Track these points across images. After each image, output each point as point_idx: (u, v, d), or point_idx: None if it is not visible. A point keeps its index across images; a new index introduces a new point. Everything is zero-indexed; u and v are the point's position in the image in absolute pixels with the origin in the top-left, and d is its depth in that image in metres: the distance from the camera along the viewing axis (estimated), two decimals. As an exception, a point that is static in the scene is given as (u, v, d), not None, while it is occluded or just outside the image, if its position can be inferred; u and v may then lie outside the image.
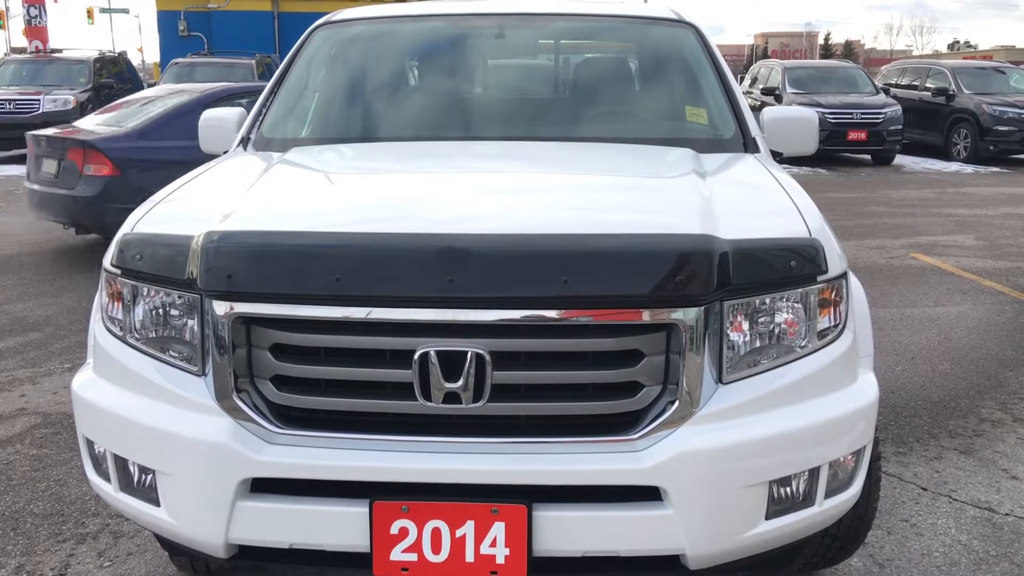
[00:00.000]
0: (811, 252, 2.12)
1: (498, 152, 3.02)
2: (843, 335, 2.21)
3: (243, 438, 2.00)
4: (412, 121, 3.42)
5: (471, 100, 3.60)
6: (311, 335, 2.01)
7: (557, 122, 3.44)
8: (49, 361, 5.14)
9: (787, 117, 3.42)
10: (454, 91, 3.60)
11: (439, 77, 3.68)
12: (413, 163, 2.94)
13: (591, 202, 2.39)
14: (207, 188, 2.64)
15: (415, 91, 3.65)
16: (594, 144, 3.12)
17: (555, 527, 1.96)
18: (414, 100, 3.60)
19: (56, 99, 15.28)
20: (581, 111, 3.50)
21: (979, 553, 3.05)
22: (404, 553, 1.97)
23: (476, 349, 1.93)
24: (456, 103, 3.54)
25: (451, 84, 3.62)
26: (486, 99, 3.64)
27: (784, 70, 17.49)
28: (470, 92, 3.65)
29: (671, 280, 1.94)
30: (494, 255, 1.95)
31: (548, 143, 3.14)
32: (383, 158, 3.00)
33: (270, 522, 2.02)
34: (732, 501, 2.02)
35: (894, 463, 3.72)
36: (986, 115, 15.85)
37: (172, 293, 2.13)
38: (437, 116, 3.45)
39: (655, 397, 2.00)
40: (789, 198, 2.41)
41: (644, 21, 3.73)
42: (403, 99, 3.60)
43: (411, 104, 3.58)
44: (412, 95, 3.63)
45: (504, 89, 3.76)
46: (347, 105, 3.53)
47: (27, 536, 3.19)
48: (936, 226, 9.81)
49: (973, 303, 6.50)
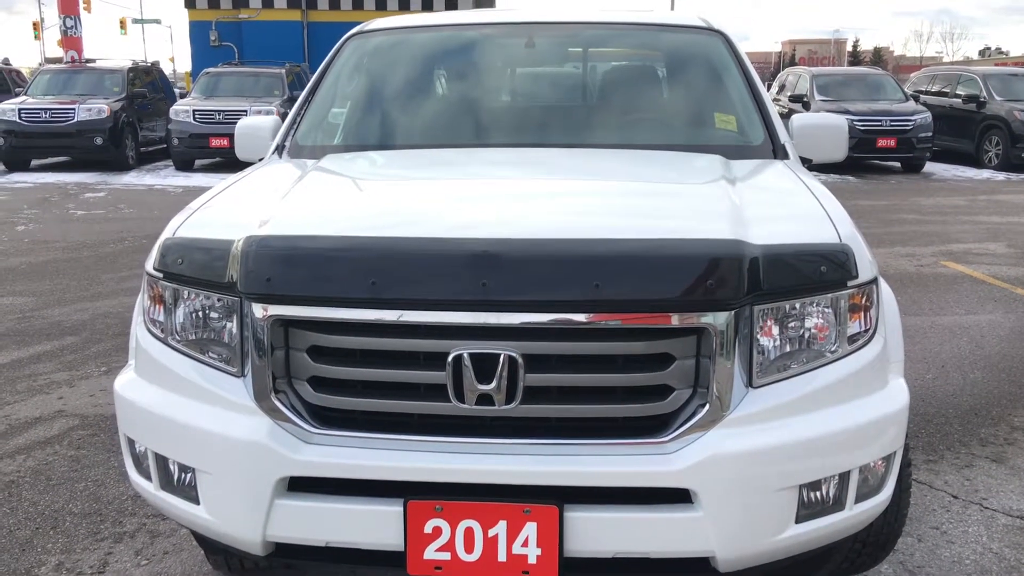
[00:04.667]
0: (841, 257, 2.13)
1: (529, 159, 3.06)
2: (873, 340, 2.22)
3: (281, 438, 2.05)
4: (443, 129, 3.47)
5: (501, 108, 3.64)
6: (348, 337, 2.05)
7: (587, 129, 3.47)
8: (86, 365, 5.24)
9: (817, 124, 3.43)
10: (484, 99, 3.64)
11: (470, 85, 3.73)
12: (445, 170, 2.99)
13: (622, 207, 2.42)
14: (245, 194, 2.70)
15: (446, 99, 3.70)
16: (624, 151, 3.15)
17: (586, 528, 1.99)
18: (445, 108, 3.65)
19: (91, 108, 15.53)
20: (611, 118, 3.53)
21: (1010, 561, 3.03)
22: (438, 552, 2.00)
23: (509, 352, 1.97)
24: (487, 111, 3.58)
25: (482, 92, 3.66)
26: (516, 107, 3.68)
27: (812, 77, 17.40)
28: (500, 100, 3.69)
29: (702, 284, 1.97)
30: (527, 259, 1.99)
31: (578, 150, 3.17)
32: (415, 165, 3.05)
33: (307, 520, 2.06)
34: (762, 504, 2.03)
35: (925, 471, 3.70)
36: (1018, 122, 15.68)
37: (212, 296, 2.18)
38: (468, 124, 3.50)
39: (685, 400, 2.02)
40: (819, 204, 2.42)
41: (673, 29, 3.76)
42: (434, 107, 3.65)
43: (442, 112, 3.62)
44: (443, 103, 3.68)
45: (534, 97, 3.80)
46: (379, 113, 3.58)
47: (66, 535, 3.26)
48: (967, 234, 9.72)
49: (1005, 312, 6.44)
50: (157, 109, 17.66)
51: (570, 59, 3.89)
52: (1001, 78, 17.16)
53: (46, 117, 15.51)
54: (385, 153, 3.24)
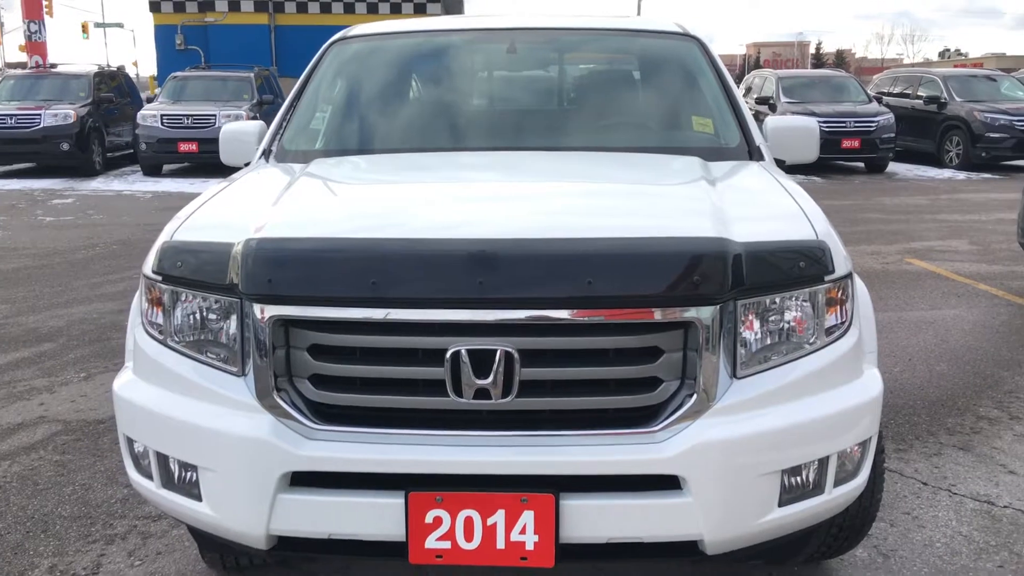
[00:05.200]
0: (818, 253, 2.24)
1: (515, 162, 3.14)
2: (849, 332, 2.33)
3: (283, 434, 2.11)
4: (430, 133, 3.55)
5: (485, 113, 3.72)
6: (348, 336, 2.12)
7: (570, 133, 3.57)
8: (64, 371, 5.23)
9: (789, 126, 3.55)
10: (468, 104, 3.72)
11: (454, 91, 3.81)
12: (434, 173, 3.07)
13: (611, 207, 2.52)
14: (238, 198, 2.76)
15: (431, 104, 3.77)
16: (607, 153, 3.25)
17: (581, 515, 2.07)
18: (431, 113, 3.73)
19: (57, 114, 15.36)
20: (593, 122, 3.63)
21: (979, 543, 3.16)
22: (438, 541, 2.08)
23: (505, 347, 2.05)
24: (471, 116, 3.67)
25: (465, 98, 3.75)
26: (500, 112, 3.77)
27: (778, 80, 17.68)
28: (484, 105, 3.77)
29: (689, 280, 2.06)
30: (522, 258, 2.07)
31: (563, 153, 3.27)
32: (404, 169, 3.12)
33: (309, 513, 2.12)
34: (747, 489, 2.13)
35: (895, 460, 3.83)
36: (978, 122, 16.05)
37: (210, 298, 2.23)
38: (453, 129, 3.58)
39: (673, 391, 2.12)
40: (795, 202, 2.53)
41: (650, 35, 3.86)
42: (420, 112, 3.73)
43: (428, 117, 3.70)
44: (428, 108, 3.76)
45: (517, 102, 3.89)
46: (365, 118, 3.65)
47: (57, 538, 3.28)
48: (930, 232, 9.97)
49: (968, 306, 6.63)
50: (123, 114, 17.49)
51: (551, 64, 3.98)
52: (961, 80, 17.55)
53: (11, 123, 15.30)
54: (372, 157, 3.30)
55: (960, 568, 3.01)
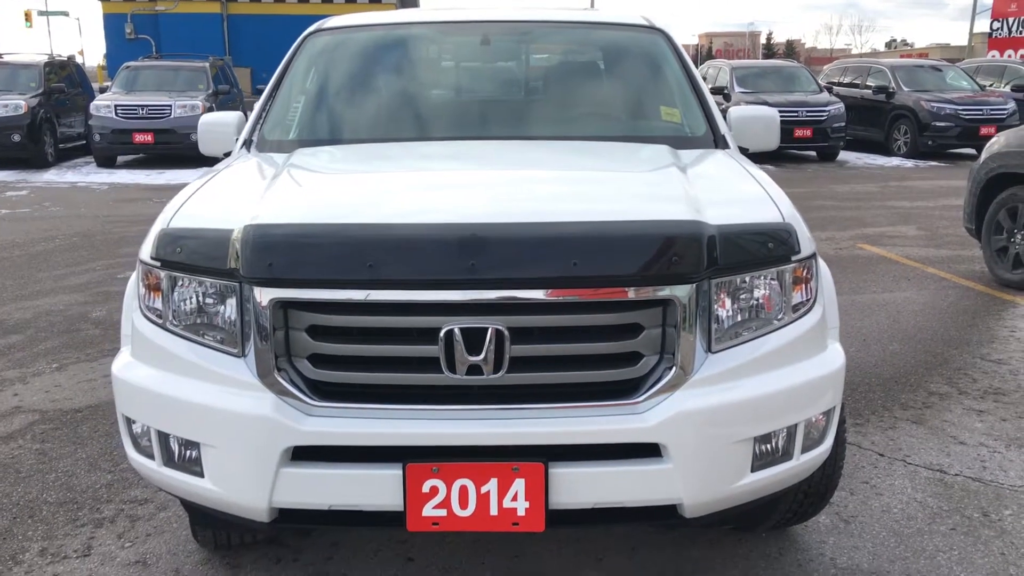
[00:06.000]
0: (785, 235, 2.39)
1: (496, 150, 3.26)
2: (814, 309, 2.49)
3: (285, 411, 2.21)
4: (409, 122, 3.65)
5: (463, 102, 3.84)
6: (346, 316, 2.22)
7: (546, 122, 3.69)
8: (36, 362, 5.23)
9: (752, 116, 3.72)
10: (444, 94, 3.83)
11: (428, 81, 3.91)
12: (420, 161, 3.17)
13: (591, 193, 2.65)
14: (228, 187, 2.84)
15: (409, 94, 3.86)
16: (582, 142, 3.38)
17: (569, 482, 2.21)
18: (409, 103, 3.82)
19: (7, 104, 15.04)
20: (566, 112, 3.76)
21: (933, 508, 3.37)
22: (435, 509, 2.20)
23: (496, 326, 2.17)
24: (448, 105, 3.77)
25: (441, 87, 3.85)
26: (478, 101, 3.88)
27: (732, 70, 17.98)
28: (459, 95, 3.89)
29: (667, 261, 2.20)
30: (511, 241, 2.19)
31: (542, 142, 3.40)
32: (390, 157, 3.22)
33: (311, 486, 2.23)
34: (722, 455, 2.29)
35: (853, 433, 4.03)
36: (924, 112, 16.50)
37: (206, 282, 2.32)
38: (431, 118, 3.69)
39: (653, 365, 2.26)
40: (762, 188, 2.69)
41: (619, 28, 4.00)
42: (400, 102, 3.81)
43: (407, 107, 3.79)
44: (406, 98, 3.85)
45: (494, 92, 4.00)
46: (347, 108, 3.74)
47: (45, 523, 3.33)
48: (881, 218, 10.28)
49: (918, 289, 6.90)
50: (75, 105, 17.19)
51: (525, 55, 4.10)
52: (908, 70, 18.01)
53: (-40, 114, 15.00)
54: (356, 146, 3.39)
55: (916, 531, 3.21)
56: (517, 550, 3.08)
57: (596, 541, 3.14)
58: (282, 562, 3.03)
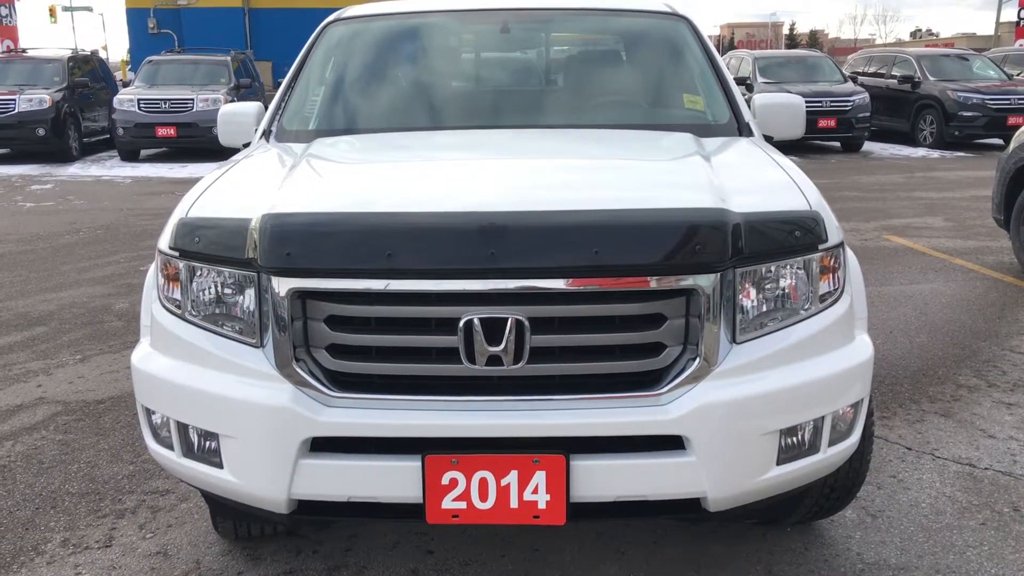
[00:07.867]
0: (812, 223, 2.34)
1: (516, 139, 3.22)
2: (841, 299, 2.44)
3: (304, 402, 2.19)
4: (428, 112, 3.62)
5: (481, 91, 3.80)
6: (364, 306, 2.19)
7: (567, 111, 3.65)
8: (59, 353, 5.26)
9: (777, 103, 3.65)
10: (463, 83, 3.80)
11: (447, 70, 3.87)
12: (439, 151, 3.14)
13: (613, 181, 2.61)
14: (247, 177, 2.82)
15: (427, 83, 3.83)
16: (604, 130, 3.33)
17: (590, 475, 2.17)
18: (427, 92, 3.79)
19: (32, 98, 15.21)
20: (589, 100, 3.71)
21: (962, 503, 3.30)
22: (454, 501, 2.17)
23: (516, 315, 2.13)
24: (471, 94, 3.74)
25: (461, 76, 3.82)
26: (496, 90, 3.84)
27: (755, 60, 17.81)
28: (479, 83, 3.84)
29: (691, 249, 2.15)
30: (532, 229, 2.15)
31: (563, 130, 3.35)
32: (408, 147, 3.19)
33: (329, 478, 2.20)
34: (747, 448, 2.24)
35: (880, 426, 3.97)
36: (951, 101, 16.27)
37: (224, 272, 2.30)
38: (449, 107, 3.65)
39: (677, 356, 2.21)
40: (788, 175, 2.63)
41: (641, 15, 3.94)
42: (418, 91, 3.78)
43: (425, 96, 3.76)
44: (425, 87, 3.81)
45: (513, 81, 3.96)
46: (365, 98, 3.71)
47: (67, 513, 3.34)
48: (906, 209, 10.15)
49: (945, 280, 6.80)
50: (99, 99, 17.33)
51: (545, 43, 4.06)
52: (934, 59, 17.76)
53: (-15, 108, 15.15)
54: (375, 136, 3.36)
55: (945, 526, 3.14)
56: (537, 543, 3.05)
57: (617, 535, 3.10)
58: (302, 554, 3.02)
